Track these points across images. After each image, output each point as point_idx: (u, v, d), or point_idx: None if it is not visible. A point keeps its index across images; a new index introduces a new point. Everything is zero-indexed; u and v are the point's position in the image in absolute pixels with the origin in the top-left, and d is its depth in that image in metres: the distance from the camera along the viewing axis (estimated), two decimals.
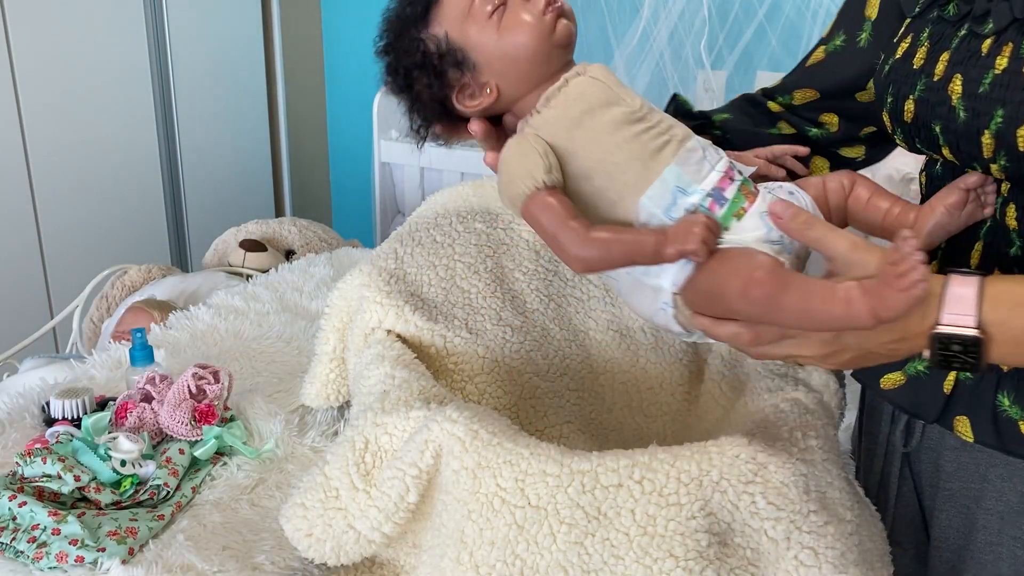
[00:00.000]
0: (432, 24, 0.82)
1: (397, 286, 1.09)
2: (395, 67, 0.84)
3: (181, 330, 1.53)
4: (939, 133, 0.79)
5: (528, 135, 0.80)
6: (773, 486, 0.76)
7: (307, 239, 2.35)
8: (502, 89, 0.82)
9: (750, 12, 2.62)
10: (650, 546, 0.74)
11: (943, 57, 0.79)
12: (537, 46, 0.81)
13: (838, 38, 0.96)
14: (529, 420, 1.03)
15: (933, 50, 0.81)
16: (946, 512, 0.90)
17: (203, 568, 0.92)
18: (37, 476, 1.02)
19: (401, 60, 0.84)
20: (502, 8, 0.80)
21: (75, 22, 2.45)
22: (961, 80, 0.76)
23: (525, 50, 0.81)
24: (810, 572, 0.73)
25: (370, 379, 0.97)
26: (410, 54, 0.83)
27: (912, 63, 0.82)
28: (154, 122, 2.73)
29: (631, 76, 2.68)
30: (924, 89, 0.80)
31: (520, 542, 0.76)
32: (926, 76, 0.80)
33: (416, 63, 0.82)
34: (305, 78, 3.33)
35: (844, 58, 0.95)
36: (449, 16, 0.81)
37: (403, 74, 0.84)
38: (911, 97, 0.81)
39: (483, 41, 0.81)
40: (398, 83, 0.85)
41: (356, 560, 0.87)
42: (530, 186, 0.77)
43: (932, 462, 0.90)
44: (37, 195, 2.43)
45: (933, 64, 0.80)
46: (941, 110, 0.78)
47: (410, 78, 0.83)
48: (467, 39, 0.81)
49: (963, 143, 0.77)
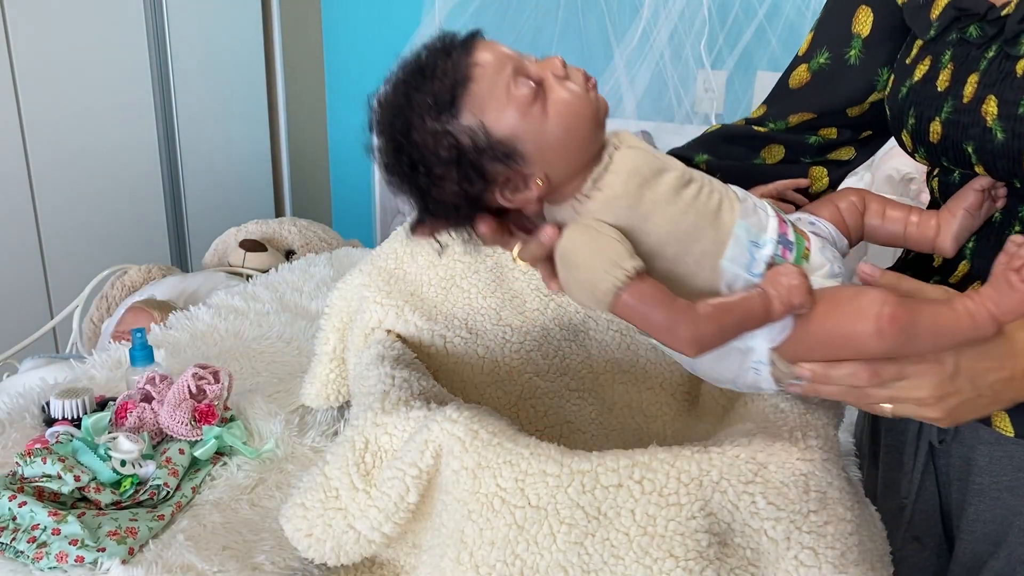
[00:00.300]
0: (463, 114, 0.71)
1: (397, 286, 1.09)
2: (410, 164, 0.73)
3: (181, 330, 1.53)
4: (972, 152, 0.79)
5: (591, 223, 0.73)
6: (773, 486, 0.76)
7: (307, 239, 2.35)
8: (551, 178, 0.74)
9: (750, 12, 2.62)
10: (650, 546, 0.73)
11: (971, 79, 0.79)
12: (590, 127, 0.74)
13: (820, 56, 0.96)
14: (529, 420, 1.03)
15: (959, 72, 0.80)
16: (975, 506, 0.89)
17: (203, 568, 0.92)
18: (37, 476, 1.02)
19: (420, 156, 0.72)
20: (540, 89, 0.72)
21: (75, 22, 2.45)
22: (996, 102, 0.76)
23: (578, 133, 0.74)
24: (810, 572, 0.73)
25: (370, 379, 0.97)
26: (435, 150, 0.72)
27: (935, 85, 0.82)
28: (154, 122, 2.73)
29: (631, 76, 2.68)
30: (952, 111, 0.80)
31: (520, 542, 0.76)
32: (953, 98, 0.80)
33: (444, 159, 0.71)
34: (305, 78, 3.33)
35: (834, 76, 0.95)
36: (484, 104, 0.71)
37: (424, 172, 0.72)
38: (937, 119, 0.82)
39: (530, 129, 0.72)
40: (415, 182, 0.73)
41: (356, 560, 0.87)
42: (620, 277, 0.71)
43: (963, 456, 0.90)
44: (37, 195, 2.43)
45: (960, 86, 0.80)
46: (974, 131, 0.78)
47: (434, 176, 0.72)
48: (511, 129, 0.71)
49: (1001, 162, 0.78)
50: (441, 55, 0.73)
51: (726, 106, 2.73)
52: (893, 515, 0.96)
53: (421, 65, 0.73)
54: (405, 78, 0.73)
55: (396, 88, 0.74)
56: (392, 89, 0.74)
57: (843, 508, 0.78)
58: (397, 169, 0.74)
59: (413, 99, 0.72)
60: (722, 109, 2.72)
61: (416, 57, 0.74)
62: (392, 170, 0.75)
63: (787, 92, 0.99)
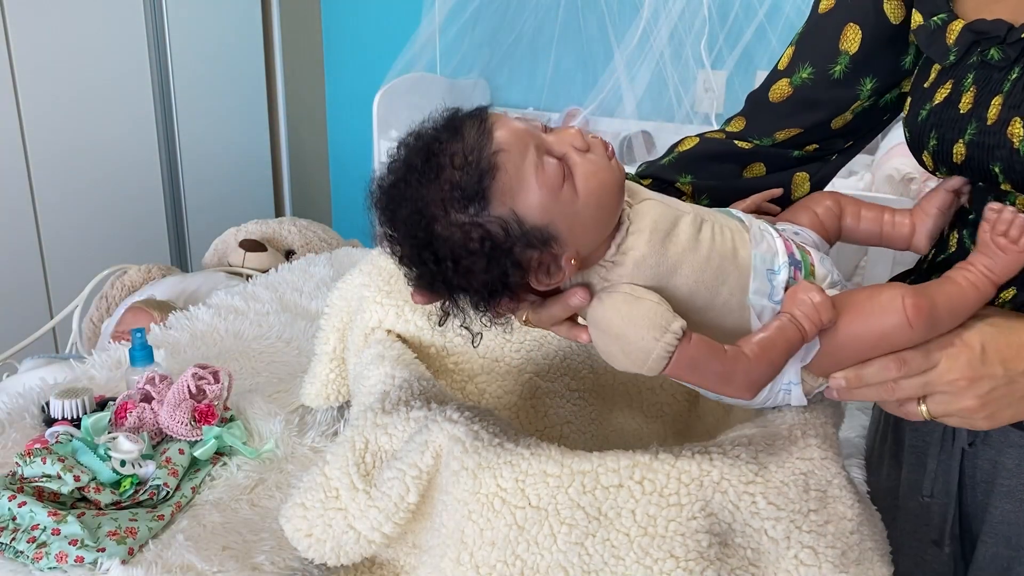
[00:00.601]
0: (492, 205, 0.68)
1: (397, 285, 1.09)
2: (435, 259, 0.69)
3: (181, 330, 1.53)
4: (999, 173, 0.80)
5: (627, 290, 0.72)
6: (773, 486, 0.76)
7: (307, 239, 2.35)
8: (580, 253, 0.72)
9: (750, 12, 2.61)
10: (651, 546, 0.73)
11: (995, 101, 0.79)
12: (618, 197, 0.73)
13: (803, 71, 0.96)
14: (529, 420, 1.02)
15: (981, 94, 0.81)
16: (1000, 508, 0.90)
17: (203, 568, 0.92)
18: (37, 476, 1.02)
19: (447, 251, 0.69)
20: (565, 166, 0.70)
21: (75, 22, 2.45)
22: (1022, 123, 0.76)
23: (608, 206, 0.72)
24: (810, 571, 0.73)
25: (370, 379, 0.97)
26: (463, 243, 0.68)
27: (958, 108, 0.82)
28: (154, 122, 2.73)
29: (631, 76, 2.68)
30: (976, 133, 0.80)
31: (520, 543, 0.76)
32: (977, 120, 0.80)
33: (473, 251, 0.68)
34: (305, 78, 3.33)
35: (817, 91, 0.95)
36: (514, 192, 0.68)
37: (452, 266, 0.69)
38: (960, 141, 0.82)
39: (563, 211, 0.69)
40: (439, 276, 0.70)
41: (356, 560, 0.87)
42: (671, 340, 0.70)
43: (990, 459, 0.90)
44: (37, 195, 2.43)
45: (984, 108, 0.80)
46: (1001, 152, 0.78)
47: (462, 268, 0.69)
48: (544, 213, 0.69)
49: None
50: (453, 138, 0.69)
51: (726, 106, 2.73)
52: (916, 515, 0.97)
53: (433, 151, 0.69)
54: (417, 167, 0.69)
55: (409, 178, 0.69)
56: (403, 178, 0.70)
57: (843, 507, 0.78)
58: (417, 263, 0.71)
59: (432, 191, 0.68)
60: (722, 109, 2.72)
61: (424, 142, 0.70)
62: (411, 263, 0.71)
63: (768, 107, 0.99)
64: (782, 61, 0.99)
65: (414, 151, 0.70)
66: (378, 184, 0.73)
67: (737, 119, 1.03)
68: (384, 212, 0.72)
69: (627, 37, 2.69)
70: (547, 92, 3.10)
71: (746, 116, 1.02)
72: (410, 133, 0.72)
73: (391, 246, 0.73)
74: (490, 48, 3.10)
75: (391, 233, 0.72)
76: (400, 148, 0.72)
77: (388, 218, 0.72)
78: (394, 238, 0.72)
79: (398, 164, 0.71)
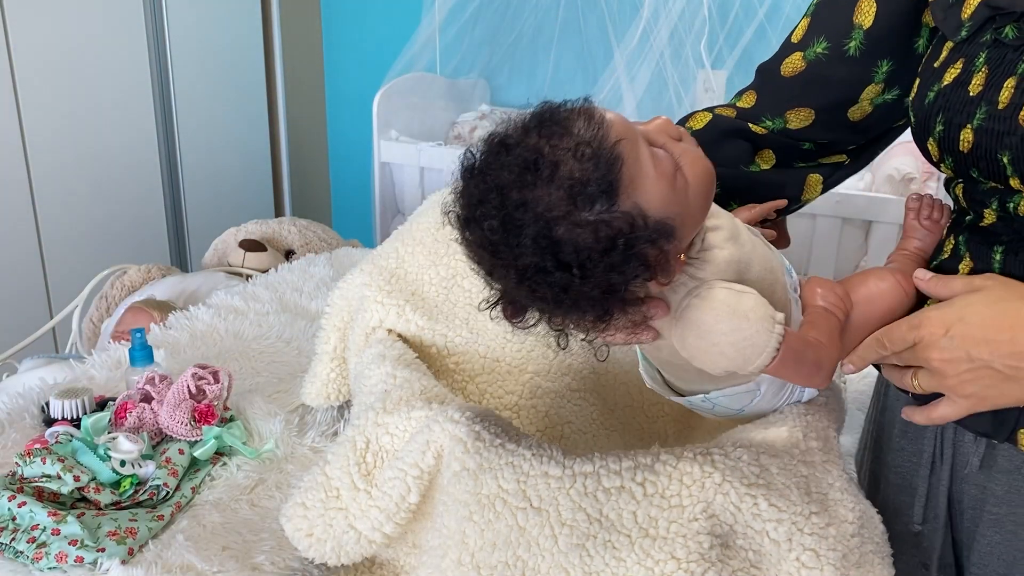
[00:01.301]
0: (620, 198, 0.63)
1: (398, 285, 1.09)
2: (557, 265, 0.63)
3: (181, 330, 1.53)
4: (1007, 163, 0.75)
5: (723, 286, 0.70)
6: (775, 488, 0.76)
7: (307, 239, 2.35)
8: (682, 249, 0.68)
9: (750, 12, 2.61)
10: (652, 548, 0.73)
11: (1008, 84, 0.74)
12: (714, 185, 0.70)
13: (818, 44, 0.92)
14: (530, 420, 1.02)
15: (994, 76, 0.75)
16: (988, 537, 0.85)
17: (203, 568, 0.92)
18: (37, 476, 1.01)
19: (572, 254, 0.63)
20: (672, 157, 0.67)
21: (75, 23, 2.44)
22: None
23: (710, 194, 0.70)
24: (812, 574, 0.73)
25: (371, 378, 0.97)
26: (591, 244, 0.62)
27: (968, 90, 0.77)
28: (154, 122, 2.73)
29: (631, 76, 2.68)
30: (985, 118, 0.75)
31: (522, 544, 0.76)
32: (987, 104, 0.75)
33: (600, 252, 0.63)
34: (305, 78, 3.33)
35: (831, 68, 0.92)
36: (637, 184, 0.64)
37: (577, 273, 0.63)
38: (968, 126, 0.77)
39: (680, 200, 0.66)
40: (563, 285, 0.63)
41: (356, 560, 0.87)
42: (778, 331, 0.68)
43: (979, 485, 0.85)
44: (37, 195, 2.43)
45: (996, 91, 0.75)
46: (1011, 140, 0.73)
47: (586, 272, 0.63)
48: (667, 205, 0.65)
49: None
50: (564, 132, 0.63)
51: None
52: (903, 539, 0.91)
53: (545, 147, 0.62)
54: (522, 165, 0.62)
55: (523, 179, 0.62)
56: (515, 181, 0.63)
57: (844, 509, 0.78)
58: (533, 273, 0.64)
59: (552, 191, 0.62)
60: None
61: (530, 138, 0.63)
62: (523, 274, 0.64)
63: (780, 81, 0.96)
64: (796, 33, 0.95)
65: (520, 148, 0.63)
66: (470, 193, 0.65)
67: (748, 93, 1.00)
68: (484, 222, 0.64)
69: (627, 37, 2.69)
70: (547, 92, 3.10)
71: (757, 90, 0.99)
72: (498, 134, 0.65)
73: (488, 258, 0.66)
74: (490, 48, 3.10)
75: (496, 243, 0.64)
76: (493, 151, 0.64)
77: (495, 228, 0.63)
78: (497, 250, 0.64)
79: (499, 167, 0.63)
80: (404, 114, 2.88)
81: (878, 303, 0.82)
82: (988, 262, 0.81)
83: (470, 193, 0.65)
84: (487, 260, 0.66)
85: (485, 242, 0.64)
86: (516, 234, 0.63)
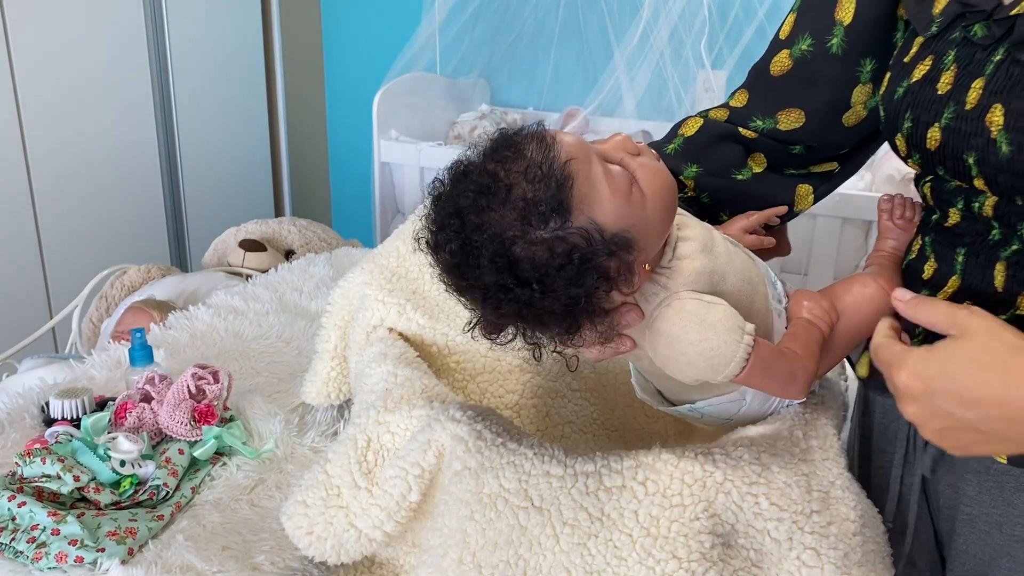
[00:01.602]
0: (573, 215, 0.66)
1: (399, 284, 1.09)
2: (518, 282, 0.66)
3: (180, 330, 1.53)
4: (972, 164, 0.74)
5: (692, 296, 0.72)
6: (776, 487, 0.76)
7: (307, 239, 2.34)
8: (648, 259, 0.71)
9: (750, 12, 2.61)
10: (653, 547, 0.73)
11: (976, 84, 0.73)
12: (676, 197, 0.73)
13: (803, 41, 0.92)
14: (531, 420, 1.02)
15: (962, 75, 0.75)
16: (964, 536, 0.84)
17: (203, 568, 0.92)
18: (36, 476, 1.01)
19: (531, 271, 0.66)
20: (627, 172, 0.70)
21: (75, 22, 2.44)
22: (1002, 110, 0.71)
23: (671, 206, 0.72)
24: (812, 572, 0.73)
25: (372, 377, 0.97)
26: (548, 260, 0.66)
27: (936, 88, 0.77)
28: (154, 122, 2.73)
29: (631, 76, 2.67)
30: (953, 117, 0.75)
31: (523, 543, 0.76)
32: (955, 103, 0.75)
33: (557, 267, 0.66)
34: (305, 78, 3.33)
35: (816, 66, 0.91)
36: (590, 200, 0.67)
37: (537, 287, 0.66)
38: (936, 125, 0.76)
39: (636, 214, 0.69)
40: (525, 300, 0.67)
41: (357, 558, 0.87)
42: (750, 341, 0.71)
43: (951, 485, 0.84)
44: (36, 195, 2.43)
45: (964, 91, 0.74)
46: (977, 141, 0.73)
47: (547, 288, 0.66)
48: (622, 218, 0.68)
49: (1004, 176, 0.73)
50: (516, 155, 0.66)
51: None
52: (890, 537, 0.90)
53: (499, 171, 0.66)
54: (486, 189, 0.66)
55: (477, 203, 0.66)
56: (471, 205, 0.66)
57: (846, 508, 0.78)
58: (495, 291, 0.67)
59: (507, 212, 0.65)
60: None
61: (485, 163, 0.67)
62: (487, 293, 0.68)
63: (769, 80, 0.95)
64: (783, 29, 0.94)
65: (476, 174, 0.67)
66: (433, 219, 0.69)
67: (740, 92, 1.00)
68: (446, 245, 0.68)
69: (627, 37, 2.69)
70: (547, 92, 3.10)
71: (748, 89, 0.99)
72: (459, 162, 0.69)
73: (454, 280, 0.70)
74: (490, 48, 3.10)
75: (458, 265, 0.68)
76: (454, 177, 0.69)
77: (455, 251, 0.67)
78: (460, 271, 0.68)
79: (458, 193, 0.67)
80: (404, 114, 2.88)
81: (865, 309, 0.82)
82: (951, 264, 0.81)
83: (434, 219, 0.69)
84: (454, 282, 0.70)
85: (449, 265, 0.69)
86: (476, 255, 0.66)
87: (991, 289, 0.78)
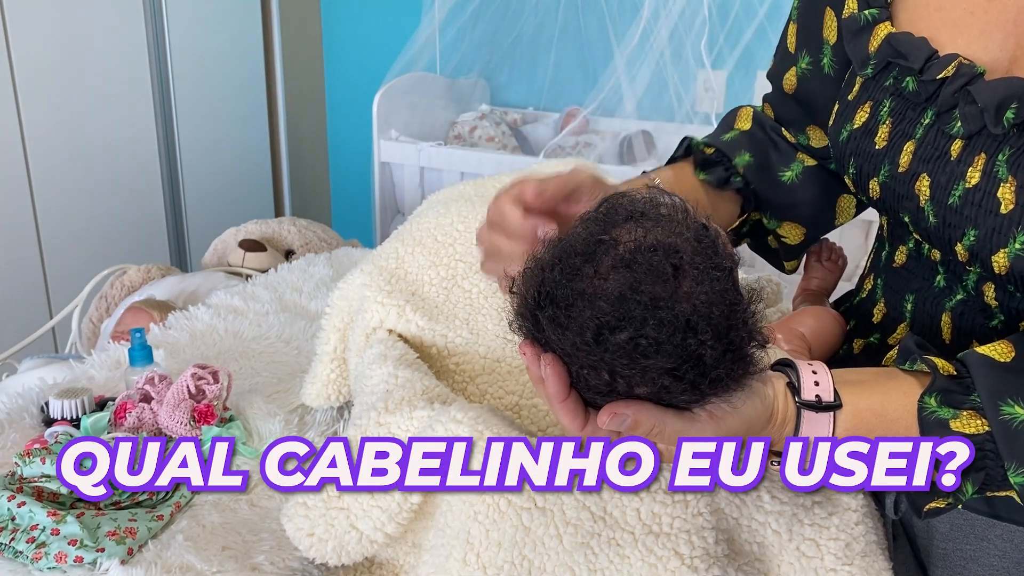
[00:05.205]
0: (725, 261, 0.60)
1: (398, 285, 1.09)
2: (726, 349, 0.58)
3: (180, 330, 1.52)
4: (908, 222, 0.74)
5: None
6: (778, 480, 0.76)
7: (307, 239, 2.34)
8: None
9: (750, 12, 2.62)
10: (655, 545, 0.73)
11: (907, 147, 0.72)
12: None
13: (803, 59, 0.90)
14: (531, 420, 1.02)
15: (895, 134, 0.74)
16: (940, 571, 0.84)
17: (202, 568, 0.91)
18: (36, 476, 1.01)
19: (740, 332, 0.59)
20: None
21: (75, 23, 2.44)
22: (928, 183, 0.70)
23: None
24: (812, 563, 0.73)
25: (372, 378, 0.97)
26: (736, 314, 0.59)
27: (874, 142, 0.76)
28: (154, 122, 2.73)
29: (631, 76, 2.68)
30: (888, 176, 0.74)
31: (527, 543, 0.75)
32: (890, 163, 0.74)
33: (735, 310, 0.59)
34: (305, 78, 3.33)
35: (816, 86, 0.89)
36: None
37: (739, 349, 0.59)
38: (875, 179, 0.76)
39: None
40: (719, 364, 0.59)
41: (358, 560, 0.87)
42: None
43: (924, 523, 0.84)
44: (37, 195, 2.42)
45: (897, 152, 0.73)
46: (909, 205, 0.72)
47: (723, 337, 0.59)
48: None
49: (936, 242, 0.72)
50: (655, 225, 0.58)
51: (726, 106, 2.73)
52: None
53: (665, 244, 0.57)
54: (670, 263, 0.57)
55: (673, 279, 0.56)
56: (653, 290, 0.56)
57: (848, 497, 0.78)
58: (710, 364, 0.58)
59: (699, 277, 0.57)
60: (722, 109, 2.72)
61: (642, 244, 0.57)
62: (709, 371, 0.58)
63: (784, 97, 0.94)
64: (790, 40, 0.91)
65: (646, 255, 0.57)
66: (605, 319, 0.57)
67: (766, 106, 0.99)
68: (639, 338, 0.57)
69: (627, 37, 2.70)
70: (547, 92, 3.10)
71: (772, 106, 0.96)
72: (612, 254, 0.58)
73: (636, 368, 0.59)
74: (490, 48, 3.10)
75: (653, 347, 0.57)
76: (612, 266, 0.58)
77: (650, 335, 0.57)
78: (653, 354, 0.58)
79: (636, 284, 0.57)
80: (404, 114, 2.88)
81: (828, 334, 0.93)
82: (900, 311, 0.83)
83: (608, 318, 0.58)
84: (627, 371, 0.59)
85: (632, 353, 0.58)
86: (670, 329, 0.57)
87: (939, 340, 0.78)
